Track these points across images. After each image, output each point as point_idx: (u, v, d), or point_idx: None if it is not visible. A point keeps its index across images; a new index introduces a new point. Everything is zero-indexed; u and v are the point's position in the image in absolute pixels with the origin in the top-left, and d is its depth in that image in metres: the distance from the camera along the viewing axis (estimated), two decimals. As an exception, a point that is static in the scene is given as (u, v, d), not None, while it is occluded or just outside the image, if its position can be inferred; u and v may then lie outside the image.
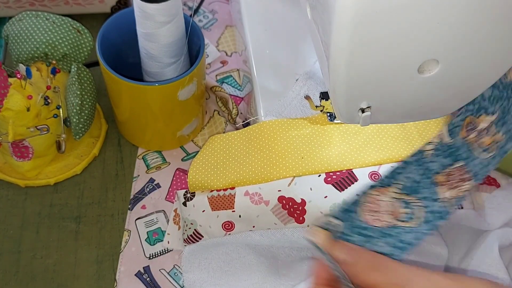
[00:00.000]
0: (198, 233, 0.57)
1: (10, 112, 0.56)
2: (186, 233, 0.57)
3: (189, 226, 0.57)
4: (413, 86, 0.44)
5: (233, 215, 0.56)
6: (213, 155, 0.60)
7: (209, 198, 0.56)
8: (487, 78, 0.46)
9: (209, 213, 0.56)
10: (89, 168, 0.66)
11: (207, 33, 0.77)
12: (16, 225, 0.62)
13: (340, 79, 0.43)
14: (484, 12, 0.39)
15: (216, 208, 0.56)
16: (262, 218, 0.55)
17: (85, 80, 0.62)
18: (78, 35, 0.63)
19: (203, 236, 0.57)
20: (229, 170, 0.58)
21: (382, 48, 0.40)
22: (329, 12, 0.39)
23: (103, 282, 0.59)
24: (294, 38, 0.65)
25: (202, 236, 0.57)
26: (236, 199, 0.55)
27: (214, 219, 0.56)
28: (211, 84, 0.69)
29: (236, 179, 0.57)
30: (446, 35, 0.40)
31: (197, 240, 0.57)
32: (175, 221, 0.60)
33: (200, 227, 0.57)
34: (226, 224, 0.56)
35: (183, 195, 0.58)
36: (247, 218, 0.55)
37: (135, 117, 0.64)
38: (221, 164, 0.59)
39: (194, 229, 0.57)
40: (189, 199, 0.58)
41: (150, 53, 0.59)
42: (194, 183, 0.59)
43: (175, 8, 0.56)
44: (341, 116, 0.49)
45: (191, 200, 0.57)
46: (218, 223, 0.56)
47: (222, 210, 0.56)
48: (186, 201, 0.58)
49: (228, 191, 0.56)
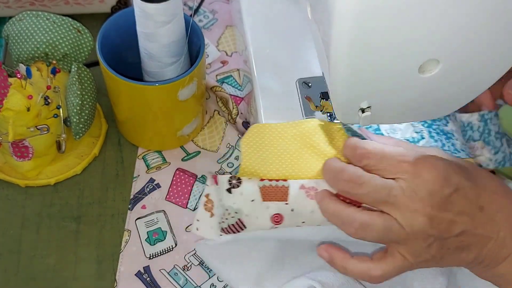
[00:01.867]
0: (242, 223, 0.53)
1: (10, 112, 0.56)
2: (226, 221, 0.53)
3: (232, 215, 0.53)
4: (413, 86, 0.44)
5: (285, 208, 0.53)
6: (264, 143, 0.56)
7: (260, 188, 0.53)
8: (488, 78, 0.46)
9: (258, 203, 0.53)
10: (89, 168, 0.66)
11: (207, 33, 0.77)
12: (16, 225, 0.62)
13: (340, 79, 0.43)
14: (484, 12, 0.39)
15: (268, 199, 0.53)
16: (316, 214, 0.53)
17: (85, 80, 0.62)
18: (78, 35, 0.63)
19: (246, 227, 0.53)
20: (282, 161, 0.54)
21: (383, 48, 0.40)
22: (329, 12, 0.39)
23: (103, 282, 0.59)
24: (295, 38, 0.65)
25: (245, 227, 0.53)
26: (290, 192, 0.52)
27: (263, 210, 0.53)
28: (211, 84, 0.69)
29: (290, 171, 0.54)
30: (447, 35, 0.40)
31: (238, 230, 0.54)
32: (207, 207, 0.55)
33: (246, 217, 0.53)
34: (276, 216, 0.53)
35: (228, 181, 0.53)
36: (299, 213, 0.53)
37: (135, 117, 0.64)
38: (274, 153, 0.55)
39: (238, 218, 0.53)
40: (235, 186, 0.53)
41: (150, 53, 0.59)
42: (247, 168, 0.54)
43: (175, 8, 0.56)
44: (341, 116, 0.49)
45: (237, 187, 0.53)
46: (267, 215, 0.53)
47: (274, 201, 0.53)
48: (231, 187, 0.53)
49: (281, 182, 0.53)
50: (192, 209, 0.64)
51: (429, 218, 0.45)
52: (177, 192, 0.65)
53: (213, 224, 0.55)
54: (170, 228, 0.62)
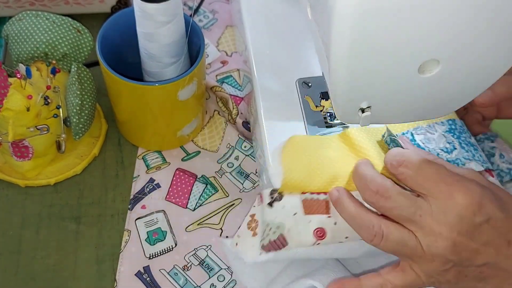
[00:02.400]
0: (284, 239, 0.51)
1: (10, 112, 0.56)
2: (267, 237, 0.51)
3: (274, 230, 0.51)
4: (413, 86, 0.44)
5: (328, 221, 0.51)
6: (304, 155, 0.54)
7: (302, 201, 0.52)
8: (487, 78, 0.46)
9: (301, 217, 0.51)
10: (89, 168, 0.66)
11: (207, 33, 0.77)
12: (16, 225, 0.62)
13: (340, 79, 0.43)
14: (484, 12, 0.39)
15: (310, 212, 0.51)
16: None
17: (85, 80, 0.62)
18: (78, 35, 0.63)
19: (288, 243, 0.51)
20: (324, 173, 0.53)
21: (382, 48, 0.40)
22: (329, 12, 0.39)
23: (103, 282, 0.59)
24: (295, 38, 0.65)
25: (287, 243, 0.51)
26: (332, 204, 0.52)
27: (306, 224, 0.51)
28: (211, 84, 0.69)
29: (332, 184, 0.53)
30: (446, 35, 0.40)
31: (279, 247, 0.51)
32: (250, 227, 0.54)
33: (288, 232, 0.51)
34: (318, 231, 0.51)
35: (270, 195, 0.52)
36: (342, 226, 0.51)
37: (135, 117, 0.64)
38: (315, 165, 0.53)
39: (280, 233, 0.51)
40: (277, 199, 0.52)
41: (150, 53, 0.59)
42: (289, 182, 0.52)
43: (175, 8, 0.56)
44: (341, 116, 0.49)
45: (279, 200, 0.52)
46: (309, 229, 0.51)
47: (317, 214, 0.51)
48: (273, 201, 0.52)
49: (322, 195, 0.52)
50: (192, 209, 0.64)
51: (453, 243, 0.44)
52: (177, 192, 0.65)
53: (254, 243, 0.53)
54: (170, 228, 0.62)
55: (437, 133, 0.55)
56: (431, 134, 0.55)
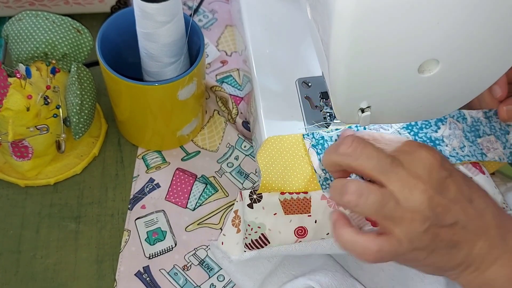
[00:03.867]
0: (265, 238, 0.53)
1: (10, 112, 0.56)
2: (249, 237, 0.53)
3: (255, 230, 0.53)
4: (413, 86, 0.44)
5: (309, 220, 0.52)
6: (280, 156, 0.55)
7: (281, 201, 0.53)
8: (487, 78, 0.46)
9: (281, 217, 0.52)
10: (89, 168, 0.66)
11: (207, 33, 0.77)
12: (16, 225, 0.62)
13: (340, 79, 0.43)
14: (484, 12, 0.39)
15: (290, 212, 0.52)
16: None
17: (85, 80, 0.62)
18: (78, 34, 0.63)
19: (270, 242, 0.53)
20: (301, 173, 0.54)
21: (382, 47, 0.40)
22: (329, 12, 0.39)
23: (103, 282, 0.59)
24: (294, 38, 0.65)
25: (269, 242, 0.53)
26: (312, 203, 0.52)
27: (286, 223, 0.52)
28: (211, 84, 0.69)
29: (309, 183, 0.54)
30: (446, 35, 0.40)
31: (261, 246, 0.53)
32: (234, 223, 0.55)
33: (269, 232, 0.52)
34: (299, 230, 0.52)
35: (249, 196, 0.53)
36: (323, 224, 0.52)
37: (135, 117, 0.64)
38: (291, 166, 0.54)
39: (262, 233, 0.52)
40: (256, 201, 0.53)
41: (150, 53, 0.59)
42: (268, 183, 0.54)
43: (175, 8, 0.56)
44: (341, 116, 0.49)
45: (258, 202, 0.53)
46: (290, 229, 0.52)
47: (297, 214, 0.52)
48: (252, 202, 0.53)
49: (302, 195, 0.53)
50: (191, 209, 0.64)
51: (428, 197, 0.44)
52: (176, 192, 0.65)
53: (238, 240, 0.54)
54: (170, 228, 0.63)
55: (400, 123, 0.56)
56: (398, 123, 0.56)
